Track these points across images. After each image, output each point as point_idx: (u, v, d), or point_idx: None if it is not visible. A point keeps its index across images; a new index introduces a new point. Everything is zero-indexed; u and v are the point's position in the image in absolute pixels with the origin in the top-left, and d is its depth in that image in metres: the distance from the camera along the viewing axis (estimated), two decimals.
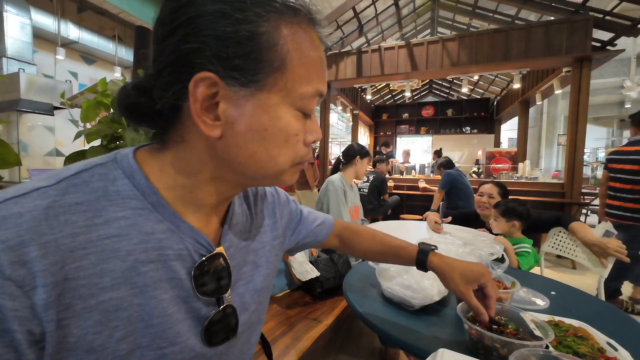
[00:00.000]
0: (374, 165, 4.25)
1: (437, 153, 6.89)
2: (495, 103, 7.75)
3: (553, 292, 1.02)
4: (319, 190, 2.23)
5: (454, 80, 7.58)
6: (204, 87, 0.31)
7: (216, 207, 0.41)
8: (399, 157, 7.20)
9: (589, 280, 2.99)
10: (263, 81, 0.32)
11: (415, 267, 0.68)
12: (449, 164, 3.75)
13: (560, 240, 1.64)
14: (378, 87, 7.91)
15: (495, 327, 0.64)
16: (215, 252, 0.39)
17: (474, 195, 1.89)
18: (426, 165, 6.53)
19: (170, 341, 0.35)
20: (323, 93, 0.36)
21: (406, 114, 8.82)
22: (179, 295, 0.36)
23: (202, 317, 0.38)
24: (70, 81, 5.74)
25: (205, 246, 0.38)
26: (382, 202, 3.88)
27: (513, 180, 4.32)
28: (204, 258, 0.38)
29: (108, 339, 0.30)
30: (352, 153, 1.98)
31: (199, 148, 0.35)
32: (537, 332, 0.62)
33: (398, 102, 9.19)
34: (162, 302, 0.34)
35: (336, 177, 1.89)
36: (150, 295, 0.33)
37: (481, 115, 8.03)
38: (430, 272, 0.68)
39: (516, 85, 4.84)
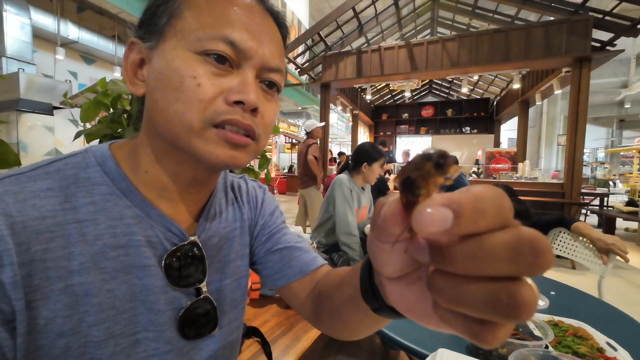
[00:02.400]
0: None
1: (407, 154, 6.45)
2: (495, 103, 7.75)
3: (553, 292, 1.02)
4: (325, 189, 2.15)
5: (454, 81, 7.59)
6: (133, 53, 0.35)
7: (182, 193, 0.38)
8: (398, 158, 7.20)
9: (589, 280, 2.99)
10: (162, 30, 0.33)
11: None
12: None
13: (561, 240, 1.64)
14: (378, 87, 7.91)
15: None
16: (188, 241, 0.39)
17: None
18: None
19: (143, 326, 0.34)
20: (234, 40, 0.32)
21: (406, 114, 8.82)
22: (155, 283, 0.35)
23: (181, 308, 0.38)
24: (70, 81, 5.73)
25: (177, 234, 0.38)
26: None
27: (513, 181, 4.33)
28: (175, 247, 0.37)
29: (79, 324, 0.30)
30: (360, 159, 1.80)
31: (143, 123, 0.37)
32: (537, 332, 0.62)
33: (398, 102, 9.19)
34: (133, 287, 0.34)
35: (344, 176, 1.82)
36: (121, 281, 0.33)
37: (481, 116, 8.04)
38: None
39: (516, 86, 4.85)
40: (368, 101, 8.18)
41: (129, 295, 0.33)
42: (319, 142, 4.01)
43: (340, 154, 6.77)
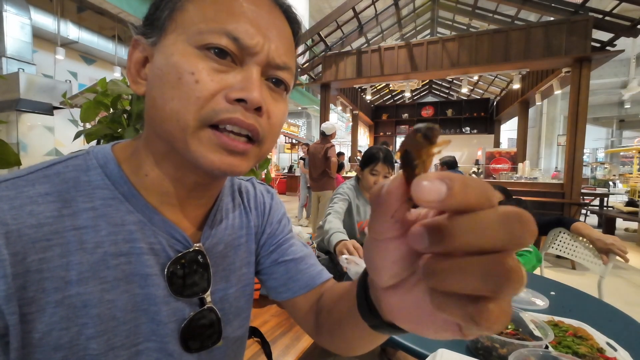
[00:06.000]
0: None
1: (385, 143, 6.44)
2: (495, 103, 7.75)
3: (553, 292, 1.02)
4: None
5: (454, 81, 7.58)
6: (137, 51, 0.34)
7: (185, 198, 0.37)
8: None
9: (589, 280, 2.99)
10: (163, 25, 0.32)
11: None
12: (452, 163, 3.75)
13: (561, 241, 1.64)
14: (378, 87, 7.91)
15: None
16: (192, 249, 0.37)
17: None
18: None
19: (145, 337, 0.33)
20: (237, 36, 0.30)
21: (406, 114, 8.82)
22: (157, 293, 0.34)
23: (185, 319, 0.36)
24: (70, 81, 5.74)
25: (181, 241, 0.36)
26: None
27: (513, 181, 4.33)
28: (179, 254, 0.36)
29: (77, 337, 0.29)
30: (360, 163, 1.63)
31: (144, 123, 0.35)
32: (537, 332, 0.62)
33: (398, 102, 9.19)
34: (135, 297, 0.32)
35: (350, 183, 1.67)
36: (122, 290, 0.32)
37: (481, 116, 8.04)
38: None
39: (516, 86, 4.85)
40: (368, 101, 8.18)
41: (130, 305, 0.32)
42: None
43: (340, 154, 6.80)
